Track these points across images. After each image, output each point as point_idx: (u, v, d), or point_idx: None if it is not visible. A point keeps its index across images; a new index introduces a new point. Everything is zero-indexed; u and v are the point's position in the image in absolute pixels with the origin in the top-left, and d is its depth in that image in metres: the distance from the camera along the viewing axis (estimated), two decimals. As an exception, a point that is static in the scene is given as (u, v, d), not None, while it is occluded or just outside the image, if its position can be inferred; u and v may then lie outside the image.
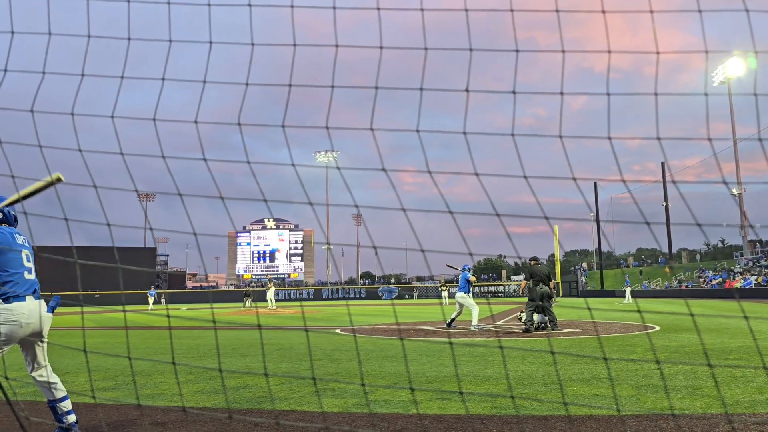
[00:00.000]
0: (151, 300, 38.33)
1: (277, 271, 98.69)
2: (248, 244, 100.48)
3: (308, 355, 9.98)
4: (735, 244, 67.65)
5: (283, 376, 7.51)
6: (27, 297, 4.35)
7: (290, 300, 69.93)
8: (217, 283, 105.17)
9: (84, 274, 66.90)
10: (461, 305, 15.39)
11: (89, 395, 6.10)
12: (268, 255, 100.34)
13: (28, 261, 4.53)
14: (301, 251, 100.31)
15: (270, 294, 34.30)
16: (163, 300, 67.80)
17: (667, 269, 68.90)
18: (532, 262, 14.86)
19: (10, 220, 4.66)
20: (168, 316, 3.49)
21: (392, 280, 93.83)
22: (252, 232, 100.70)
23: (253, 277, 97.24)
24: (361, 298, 72.35)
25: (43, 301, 4.51)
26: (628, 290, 38.17)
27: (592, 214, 76.88)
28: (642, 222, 2.45)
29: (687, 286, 54.86)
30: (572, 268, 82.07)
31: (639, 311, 3.43)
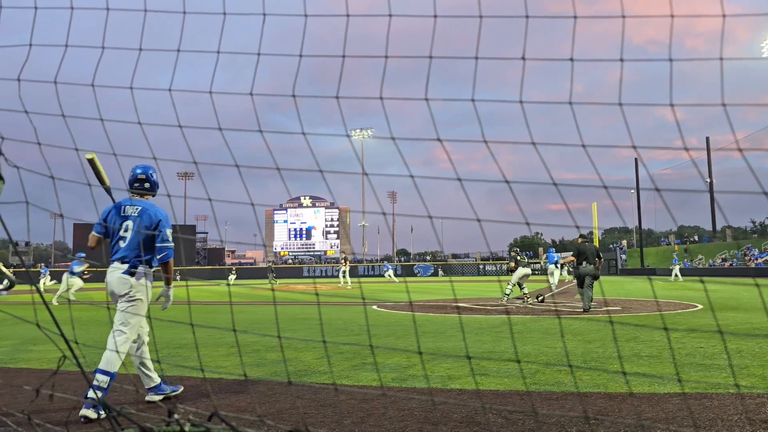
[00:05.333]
0: (43, 279, 34.21)
1: (313, 248, 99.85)
2: (285, 221, 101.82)
3: (346, 330, 10.10)
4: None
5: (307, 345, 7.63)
6: (115, 263, 4.90)
7: (326, 276, 70.75)
8: (255, 260, 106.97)
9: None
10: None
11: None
12: (304, 232, 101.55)
13: (125, 231, 4.97)
14: (337, 228, 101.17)
15: (345, 270, 34.33)
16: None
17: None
18: (580, 239, 13.86)
19: (131, 186, 5.15)
20: (186, 286, 3.57)
21: (428, 257, 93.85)
22: (288, 209, 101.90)
23: (290, 254, 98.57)
24: (396, 275, 72.61)
25: (120, 264, 4.89)
26: (676, 268, 36.15)
27: (632, 192, 75.13)
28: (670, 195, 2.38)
29: (732, 264, 53.31)
30: (611, 246, 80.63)
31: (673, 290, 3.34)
